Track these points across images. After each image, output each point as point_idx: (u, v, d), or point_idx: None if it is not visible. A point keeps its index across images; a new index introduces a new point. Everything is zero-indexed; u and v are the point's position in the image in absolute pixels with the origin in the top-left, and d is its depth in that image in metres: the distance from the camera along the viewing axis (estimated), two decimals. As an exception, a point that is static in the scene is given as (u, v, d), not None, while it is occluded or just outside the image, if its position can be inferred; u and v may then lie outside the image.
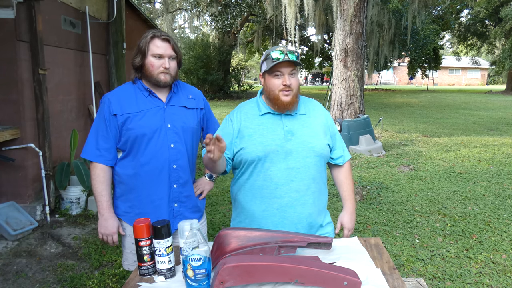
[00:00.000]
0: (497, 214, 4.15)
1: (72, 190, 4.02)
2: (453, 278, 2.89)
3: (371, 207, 4.42)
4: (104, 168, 1.74)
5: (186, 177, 1.80)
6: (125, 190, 1.79)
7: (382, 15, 17.44)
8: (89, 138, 1.75)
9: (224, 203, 4.59)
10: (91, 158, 1.73)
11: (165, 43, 1.70)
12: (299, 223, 1.63)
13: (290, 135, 1.60)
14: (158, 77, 1.70)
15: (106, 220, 1.75)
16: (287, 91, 1.56)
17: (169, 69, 1.70)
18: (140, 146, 1.71)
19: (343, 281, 1.19)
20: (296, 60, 1.55)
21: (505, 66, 22.49)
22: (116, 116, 1.70)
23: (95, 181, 1.73)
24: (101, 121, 1.73)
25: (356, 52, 7.83)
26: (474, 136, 8.92)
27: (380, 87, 32.66)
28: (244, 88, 21.67)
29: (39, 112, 3.81)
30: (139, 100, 1.73)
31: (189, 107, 1.82)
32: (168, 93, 1.78)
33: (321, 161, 1.67)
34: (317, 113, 1.71)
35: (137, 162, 1.73)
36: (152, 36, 1.70)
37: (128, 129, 1.70)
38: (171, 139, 1.74)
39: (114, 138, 1.73)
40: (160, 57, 1.69)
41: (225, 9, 15.59)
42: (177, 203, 1.80)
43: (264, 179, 1.60)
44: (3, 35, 3.57)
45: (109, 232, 1.75)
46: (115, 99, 1.73)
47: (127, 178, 1.76)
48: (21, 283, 2.84)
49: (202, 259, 1.21)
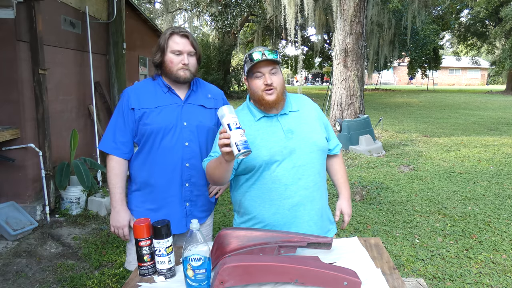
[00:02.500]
0: (497, 214, 4.15)
1: (72, 190, 4.02)
2: (453, 278, 2.89)
3: (371, 207, 4.42)
4: (120, 161, 1.75)
5: (198, 177, 1.79)
6: (139, 186, 1.80)
7: (382, 15, 17.44)
8: (107, 131, 1.77)
9: (224, 203, 4.59)
10: (108, 150, 1.75)
11: (184, 39, 1.71)
12: (311, 220, 1.63)
13: (290, 133, 1.60)
14: (178, 73, 1.71)
15: (118, 213, 1.75)
16: (270, 90, 1.55)
17: (188, 65, 1.71)
18: (155, 142, 1.72)
19: (343, 281, 1.19)
20: (275, 58, 1.52)
21: (505, 66, 22.50)
22: (134, 110, 1.72)
23: (111, 173, 1.75)
24: (119, 115, 1.75)
25: (356, 52, 7.83)
26: (474, 136, 8.92)
27: (380, 87, 32.66)
28: (244, 88, 21.67)
29: (39, 112, 3.81)
30: (157, 96, 1.74)
31: (207, 107, 1.81)
32: (187, 91, 1.79)
33: (323, 155, 1.68)
34: (308, 107, 1.72)
35: (151, 157, 1.74)
36: (171, 32, 1.71)
37: (144, 124, 1.71)
38: (186, 137, 1.73)
39: (131, 132, 1.75)
40: (179, 53, 1.70)
41: (225, 9, 15.58)
42: (188, 202, 1.80)
43: (272, 182, 1.57)
44: (3, 35, 3.57)
45: (120, 225, 1.75)
46: (134, 93, 1.75)
47: (141, 173, 1.77)
48: (21, 283, 2.84)
49: (202, 259, 1.21)
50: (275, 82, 1.55)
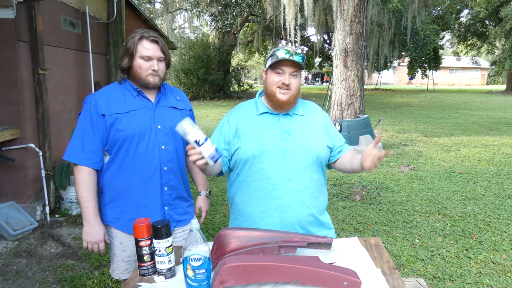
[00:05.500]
0: (497, 214, 4.15)
1: (72, 190, 4.02)
2: (453, 278, 2.89)
3: (371, 207, 4.42)
4: (90, 171, 1.65)
5: (176, 180, 1.76)
6: (113, 196, 1.71)
7: (382, 15, 17.44)
8: (73, 140, 1.66)
9: (224, 203, 4.59)
10: (76, 161, 1.64)
11: (154, 44, 1.64)
12: (297, 224, 1.61)
13: (287, 134, 1.59)
14: (147, 79, 1.65)
15: (92, 227, 1.66)
16: (285, 90, 1.56)
17: (158, 71, 1.65)
18: (130, 148, 1.65)
19: (343, 281, 1.19)
20: (300, 62, 1.54)
21: (505, 66, 22.49)
22: (105, 116, 1.63)
23: (81, 186, 1.64)
24: (87, 122, 1.64)
25: (356, 52, 7.83)
26: (474, 136, 8.92)
27: (380, 87, 32.65)
28: (244, 88, 21.65)
29: (39, 112, 3.81)
30: (127, 100, 1.67)
31: (178, 108, 1.79)
32: (156, 94, 1.74)
33: (317, 162, 1.64)
34: (315, 114, 1.70)
35: (127, 164, 1.67)
36: (140, 37, 1.64)
37: (117, 130, 1.64)
38: (161, 140, 1.69)
39: (101, 140, 1.65)
40: (148, 59, 1.63)
41: (225, 9, 15.58)
42: (167, 206, 1.76)
43: (261, 180, 1.58)
44: (3, 35, 3.57)
45: (95, 240, 1.67)
46: (102, 99, 1.65)
47: (116, 183, 1.69)
48: (21, 283, 2.84)
49: (202, 259, 1.21)
50: (292, 85, 1.57)
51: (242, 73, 23.40)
